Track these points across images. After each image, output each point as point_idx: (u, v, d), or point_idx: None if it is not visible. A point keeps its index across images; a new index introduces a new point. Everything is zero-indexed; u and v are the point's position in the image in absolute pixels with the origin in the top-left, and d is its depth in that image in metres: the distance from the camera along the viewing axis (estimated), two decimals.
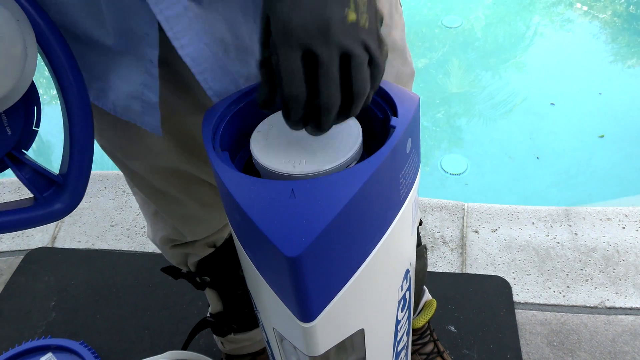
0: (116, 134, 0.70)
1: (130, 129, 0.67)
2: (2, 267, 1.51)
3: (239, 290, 1.01)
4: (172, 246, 0.92)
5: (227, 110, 0.55)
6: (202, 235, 0.89)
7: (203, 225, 0.87)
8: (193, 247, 0.91)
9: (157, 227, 0.90)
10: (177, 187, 0.78)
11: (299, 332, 0.51)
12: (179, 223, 0.86)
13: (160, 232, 0.90)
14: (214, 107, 0.55)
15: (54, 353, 1.26)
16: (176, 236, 0.89)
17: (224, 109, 0.55)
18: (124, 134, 0.69)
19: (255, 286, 0.57)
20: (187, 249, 0.92)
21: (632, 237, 1.45)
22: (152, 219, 0.89)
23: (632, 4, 3.02)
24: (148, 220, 0.92)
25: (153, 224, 0.90)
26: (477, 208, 1.56)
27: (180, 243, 0.91)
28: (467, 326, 1.28)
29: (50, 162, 2.47)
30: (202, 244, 0.91)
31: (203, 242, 0.90)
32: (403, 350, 0.71)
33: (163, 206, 0.83)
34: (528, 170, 2.12)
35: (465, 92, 2.52)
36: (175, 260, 0.95)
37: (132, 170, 0.77)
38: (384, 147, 0.47)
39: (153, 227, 0.91)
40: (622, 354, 1.21)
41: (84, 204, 1.67)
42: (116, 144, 0.72)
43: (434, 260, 1.43)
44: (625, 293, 1.32)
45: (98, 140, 0.75)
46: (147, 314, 1.36)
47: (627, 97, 2.40)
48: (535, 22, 3.00)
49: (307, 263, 0.44)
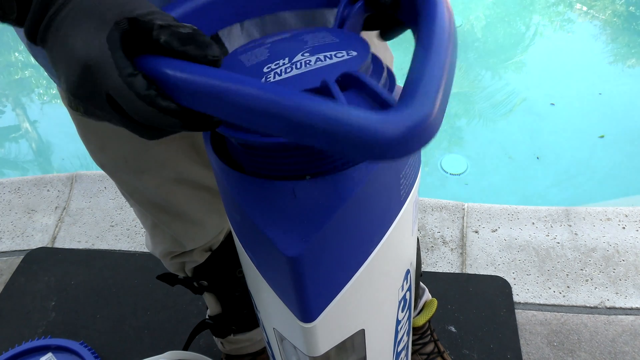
0: (121, 146, 0.70)
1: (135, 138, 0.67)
2: (2, 267, 1.51)
3: (237, 292, 1.01)
4: (171, 257, 0.93)
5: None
6: (202, 242, 0.89)
7: (202, 232, 0.87)
8: (192, 255, 0.91)
9: (156, 240, 0.90)
10: (178, 197, 0.78)
11: (300, 333, 0.51)
12: (179, 233, 0.86)
13: (160, 245, 0.91)
14: None
15: (54, 353, 1.26)
16: (175, 248, 0.89)
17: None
18: (129, 144, 0.69)
19: (255, 286, 0.57)
20: (186, 257, 0.92)
21: (632, 237, 1.45)
22: (150, 231, 0.90)
23: (632, 4, 3.02)
24: (147, 232, 0.92)
25: (152, 237, 0.91)
26: (477, 208, 1.56)
27: (179, 253, 0.91)
28: (467, 326, 1.28)
29: (50, 162, 2.47)
30: (200, 251, 0.91)
31: (201, 248, 0.91)
32: (403, 351, 0.71)
33: (162, 219, 0.83)
34: (528, 170, 2.12)
35: (465, 92, 2.52)
36: (173, 268, 0.96)
37: (132, 186, 0.77)
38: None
39: (152, 239, 0.92)
40: (622, 354, 1.21)
41: (84, 204, 1.67)
42: (120, 157, 0.72)
43: (434, 260, 1.43)
44: (625, 293, 1.32)
45: (98, 157, 0.75)
46: (147, 314, 1.36)
47: (627, 97, 2.40)
48: (535, 22, 3.00)
49: (308, 263, 0.44)
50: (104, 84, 0.39)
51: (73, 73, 0.40)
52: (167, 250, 0.90)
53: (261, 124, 0.35)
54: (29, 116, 2.74)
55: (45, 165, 2.46)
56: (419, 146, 0.34)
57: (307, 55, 0.45)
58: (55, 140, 2.52)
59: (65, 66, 0.40)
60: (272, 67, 0.45)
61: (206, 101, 0.37)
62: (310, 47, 0.47)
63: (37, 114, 2.74)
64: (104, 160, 0.75)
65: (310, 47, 0.47)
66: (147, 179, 0.75)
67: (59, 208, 1.67)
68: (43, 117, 2.69)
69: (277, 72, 0.44)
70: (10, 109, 2.82)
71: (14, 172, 2.45)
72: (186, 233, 0.86)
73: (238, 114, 0.36)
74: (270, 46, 0.48)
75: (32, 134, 2.63)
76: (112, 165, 0.75)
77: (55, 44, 0.41)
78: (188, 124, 0.40)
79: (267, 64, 0.45)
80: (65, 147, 2.40)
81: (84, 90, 0.40)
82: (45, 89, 2.83)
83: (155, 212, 0.82)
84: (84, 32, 0.39)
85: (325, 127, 0.33)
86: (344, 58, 0.44)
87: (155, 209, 0.81)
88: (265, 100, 0.34)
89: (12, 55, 3.07)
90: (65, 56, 0.40)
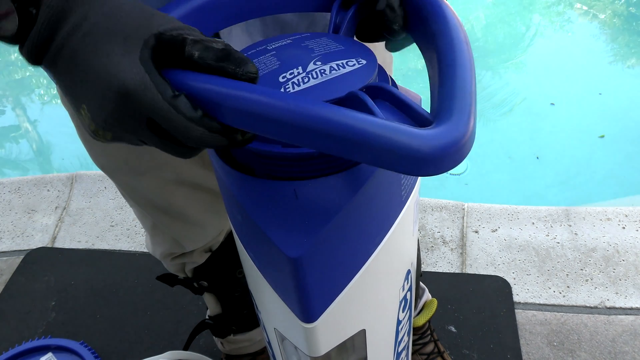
0: (121, 148, 0.70)
1: None
2: (2, 267, 1.51)
3: (237, 292, 1.01)
4: (172, 258, 0.93)
5: None
6: (202, 243, 0.89)
7: (202, 233, 0.87)
8: (192, 255, 0.91)
9: (156, 240, 0.90)
10: (178, 198, 0.78)
11: (301, 333, 0.51)
12: (179, 235, 0.86)
13: (160, 247, 0.90)
14: None
15: (54, 353, 1.26)
16: (175, 249, 0.89)
17: None
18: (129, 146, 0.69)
19: (256, 286, 0.57)
20: (186, 258, 0.92)
21: (632, 237, 1.45)
22: (150, 232, 0.90)
23: (632, 4, 3.02)
24: (147, 232, 0.92)
25: (152, 237, 0.91)
26: (477, 208, 1.56)
27: (179, 254, 0.91)
28: (467, 326, 1.28)
29: (50, 162, 2.47)
30: (200, 251, 0.91)
31: (201, 249, 0.91)
32: (404, 351, 0.71)
33: (162, 221, 0.83)
34: (528, 170, 2.12)
35: None
36: (173, 269, 0.96)
37: (132, 188, 0.77)
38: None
39: (152, 240, 0.91)
40: (622, 354, 1.21)
41: (84, 204, 1.67)
42: (120, 158, 0.72)
43: (434, 260, 1.43)
44: (625, 293, 1.33)
45: (98, 159, 0.75)
46: (147, 314, 1.36)
47: (627, 97, 2.40)
48: (535, 22, 3.01)
49: (310, 264, 0.44)
50: (146, 109, 0.37)
51: (108, 102, 0.37)
52: (167, 251, 0.90)
53: (306, 140, 0.36)
54: (29, 116, 2.74)
55: (45, 165, 2.46)
56: (459, 162, 0.36)
57: (320, 64, 0.46)
58: (55, 140, 2.52)
59: (95, 94, 0.37)
60: (288, 76, 0.45)
61: (252, 119, 0.37)
62: (319, 56, 0.47)
63: (37, 114, 2.75)
64: (104, 162, 0.75)
65: (320, 56, 0.47)
66: (147, 180, 0.75)
67: (59, 208, 1.67)
68: (43, 117, 2.69)
69: (295, 82, 0.44)
70: (10, 109, 2.82)
71: (14, 172, 2.45)
72: (186, 234, 0.86)
73: (284, 131, 0.36)
74: (275, 53, 0.48)
75: (32, 134, 2.63)
76: (113, 167, 0.75)
77: (74, 70, 0.38)
78: (233, 141, 0.39)
79: (281, 74, 0.45)
80: (65, 147, 2.40)
81: (120, 117, 0.37)
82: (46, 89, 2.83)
83: (155, 213, 0.82)
84: (111, 55, 0.36)
85: (375, 145, 0.34)
86: (356, 67, 0.46)
87: (155, 210, 0.81)
88: (319, 119, 0.35)
89: (12, 55, 3.07)
90: (94, 84, 0.37)
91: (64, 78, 0.39)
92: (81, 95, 0.38)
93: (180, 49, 0.37)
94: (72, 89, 0.39)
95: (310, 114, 0.35)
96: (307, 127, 0.35)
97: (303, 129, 0.35)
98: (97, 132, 0.39)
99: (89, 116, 0.39)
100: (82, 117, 0.39)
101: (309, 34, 0.51)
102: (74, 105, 0.39)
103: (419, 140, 0.34)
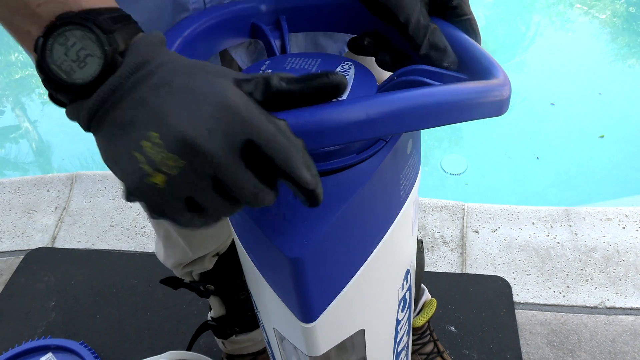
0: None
1: None
2: (2, 267, 1.51)
3: (242, 295, 1.01)
4: (182, 267, 0.94)
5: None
6: (212, 247, 0.89)
7: (216, 237, 0.88)
8: (202, 262, 0.92)
9: (169, 252, 0.92)
10: None
11: (300, 333, 0.51)
12: (194, 241, 0.87)
13: (171, 258, 0.92)
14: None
15: (54, 353, 1.26)
16: (186, 259, 0.90)
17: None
18: None
19: (256, 286, 0.57)
20: (197, 264, 0.93)
21: (632, 237, 1.45)
22: (164, 242, 0.90)
23: (632, 4, 3.02)
24: (160, 242, 0.93)
25: (165, 249, 0.92)
26: (477, 208, 1.56)
27: (190, 262, 0.92)
28: (467, 326, 1.28)
29: (50, 162, 2.47)
30: (210, 256, 0.92)
31: (211, 254, 0.91)
32: (403, 351, 0.71)
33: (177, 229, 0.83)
34: (528, 170, 2.12)
35: None
36: (180, 274, 0.97)
37: None
38: (384, 148, 0.47)
39: (165, 251, 0.93)
40: (622, 354, 1.21)
41: (84, 204, 1.67)
42: None
43: (434, 260, 1.43)
44: (625, 293, 1.32)
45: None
46: (147, 314, 1.36)
47: (627, 97, 2.40)
48: (535, 22, 3.01)
49: (309, 264, 0.44)
50: (247, 126, 0.34)
51: (203, 114, 0.33)
52: (179, 262, 0.91)
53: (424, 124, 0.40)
54: (29, 116, 2.74)
55: (45, 165, 2.46)
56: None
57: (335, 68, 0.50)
58: (55, 140, 2.52)
59: (189, 109, 0.33)
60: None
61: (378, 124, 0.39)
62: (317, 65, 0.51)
63: (37, 114, 2.74)
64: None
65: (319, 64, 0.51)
66: None
67: (59, 208, 1.67)
68: (43, 117, 2.69)
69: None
70: (10, 109, 2.82)
71: (14, 172, 2.45)
72: (202, 240, 0.87)
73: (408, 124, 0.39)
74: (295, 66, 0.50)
75: (32, 134, 2.63)
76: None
77: (161, 90, 0.35)
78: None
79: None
80: (65, 147, 2.40)
81: (211, 138, 0.33)
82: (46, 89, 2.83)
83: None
84: (209, 77, 0.35)
85: (478, 105, 0.40)
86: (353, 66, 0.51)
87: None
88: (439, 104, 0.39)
89: (12, 55, 3.07)
90: (190, 100, 0.34)
91: (153, 99, 0.35)
92: (169, 114, 0.34)
93: (267, 85, 0.36)
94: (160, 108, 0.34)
95: (426, 102, 0.39)
96: (429, 113, 0.39)
97: (426, 116, 0.39)
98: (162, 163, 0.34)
99: (161, 144, 0.33)
100: (144, 150, 0.34)
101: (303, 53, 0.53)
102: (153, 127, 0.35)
103: (501, 89, 0.41)
